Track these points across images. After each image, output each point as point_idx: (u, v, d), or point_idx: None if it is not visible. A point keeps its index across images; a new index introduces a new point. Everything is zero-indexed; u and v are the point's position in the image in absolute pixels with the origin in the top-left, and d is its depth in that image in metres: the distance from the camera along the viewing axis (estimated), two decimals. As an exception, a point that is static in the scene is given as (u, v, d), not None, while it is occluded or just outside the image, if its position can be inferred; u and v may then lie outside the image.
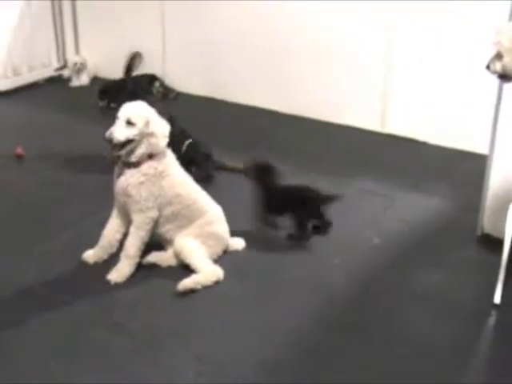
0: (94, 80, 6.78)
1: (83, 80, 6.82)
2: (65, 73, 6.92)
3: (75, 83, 6.82)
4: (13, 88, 6.43)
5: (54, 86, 6.74)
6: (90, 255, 3.80)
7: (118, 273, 3.64)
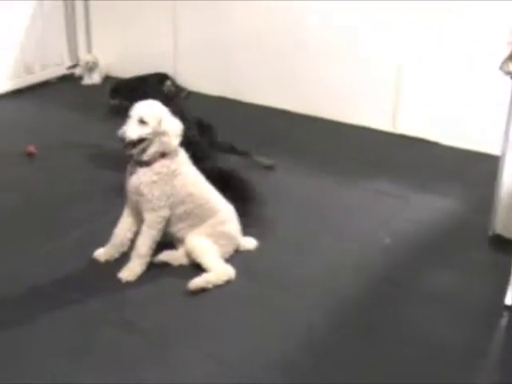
0: (106, 79, 6.78)
1: (95, 78, 6.82)
2: (77, 71, 6.93)
3: (87, 82, 6.82)
4: (25, 86, 6.43)
5: (66, 85, 6.74)
6: (102, 253, 3.80)
7: (129, 271, 3.64)
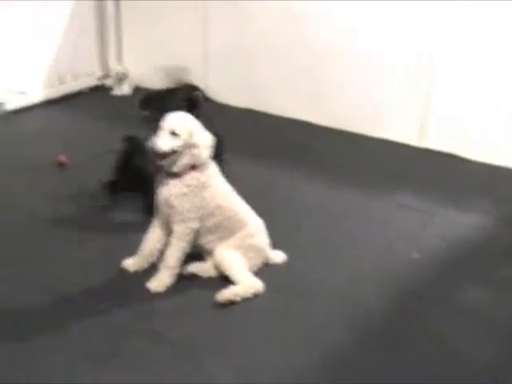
0: (136, 90, 6.84)
1: (125, 89, 6.88)
2: (107, 82, 7.00)
3: (117, 92, 6.89)
4: (58, 97, 6.52)
5: (97, 95, 6.82)
6: (130, 264, 3.82)
7: (158, 282, 3.66)
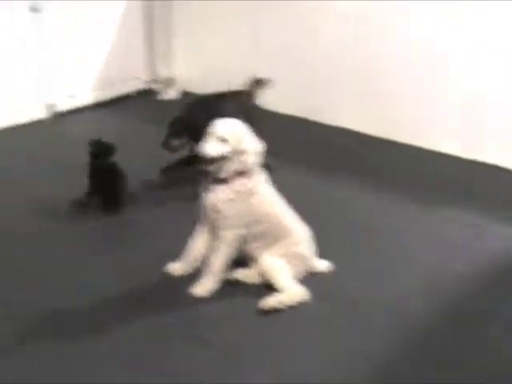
0: (184, 94, 6.86)
1: (172, 94, 6.93)
2: (155, 86, 7.04)
3: (164, 97, 6.93)
4: (106, 100, 6.61)
5: (144, 99, 6.88)
6: (175, 268, 3.83)
7: (203, 287, 3.67)
